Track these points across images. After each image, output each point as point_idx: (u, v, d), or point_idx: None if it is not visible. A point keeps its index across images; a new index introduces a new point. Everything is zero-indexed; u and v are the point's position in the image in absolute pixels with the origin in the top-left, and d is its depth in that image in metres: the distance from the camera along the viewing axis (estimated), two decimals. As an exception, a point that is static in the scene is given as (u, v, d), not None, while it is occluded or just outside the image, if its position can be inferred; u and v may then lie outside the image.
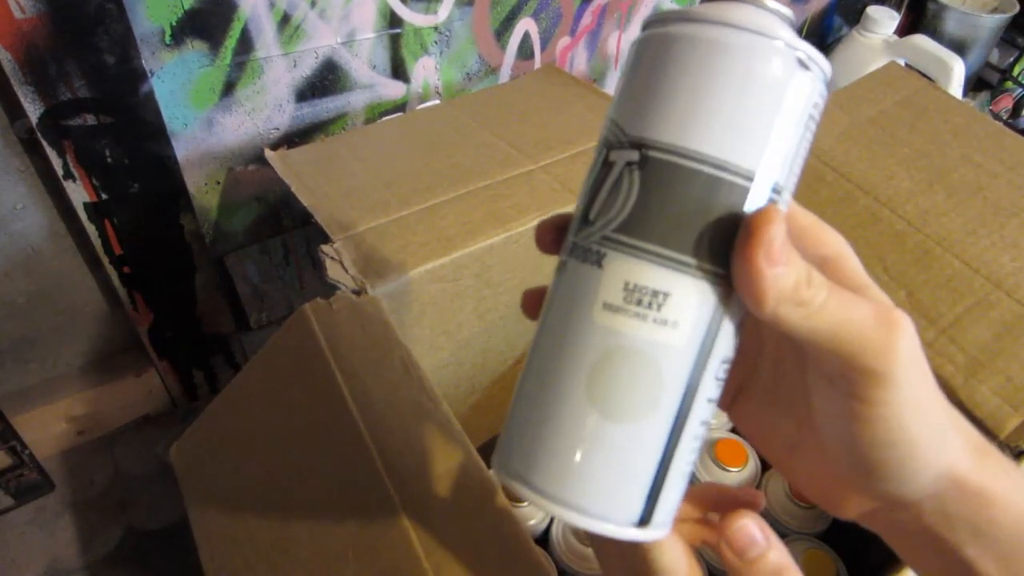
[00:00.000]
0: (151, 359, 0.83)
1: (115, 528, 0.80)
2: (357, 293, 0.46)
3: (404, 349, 0.42)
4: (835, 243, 0.22)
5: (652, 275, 0.20)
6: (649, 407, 0.20)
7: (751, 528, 0.23)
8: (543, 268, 0.57)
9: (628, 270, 0.20)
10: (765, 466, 0.65)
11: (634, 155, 0.20)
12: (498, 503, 0.36)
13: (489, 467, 0.40)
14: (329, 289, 0.47)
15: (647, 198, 0.20)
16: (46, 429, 0.81)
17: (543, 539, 0.67)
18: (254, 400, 0.48)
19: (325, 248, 0.48)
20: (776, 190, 0.20)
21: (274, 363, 0.47)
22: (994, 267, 0.51)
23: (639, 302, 0.20)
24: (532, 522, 0.65)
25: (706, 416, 0.22)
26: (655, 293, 0.20)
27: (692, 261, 0.20)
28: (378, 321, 0.44)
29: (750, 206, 0.20)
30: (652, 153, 0.20)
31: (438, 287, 0.51)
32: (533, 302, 0.24)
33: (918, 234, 0.54)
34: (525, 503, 0.66)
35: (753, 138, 0.20)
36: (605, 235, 0.21)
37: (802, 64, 0.20)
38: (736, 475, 0.62)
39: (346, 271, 0.47)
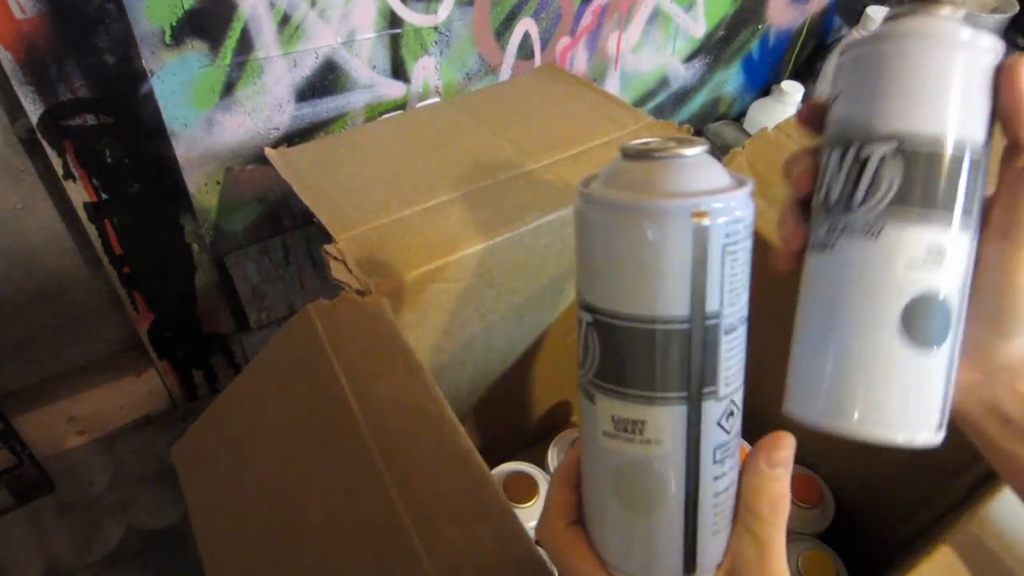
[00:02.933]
0: (151, 359, 0.83)
1: (115, 528, 0.80)
2: (361, 293, 0.46)
3: (407, 350, 0.42)
4: None
5: (628, 408, 0.25)
6: (660, 499, 0.25)
7: (790, 451, 0.26)
8: (546, 268, 0.57)
9: (610, 406, 0.25)
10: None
11: (589, 317, 0.25)
12: (500, 503, 0.36)
13: (491, 467, 0.40)
14: (330, 289, 0.47)
15: (605, 351, 0.25)
16: (46, 429, 0.81)
17: (544, 539, 0.67)
18: (256, 400, 0.48)
19: (328, 248, 0.48)
20: (711, 316, 0.24)
21: (277, 363, 0.47)
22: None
23: (625, 429, 0.25)
24: (532, 524, 0.66)
25: (719, 489, 0.26)
26: (634, 422, 0.25)
27: (657, 394, 0.24)
28: (381, 322, 0.44)
29: (696, 340, 0.24)
30: (599, 317, 0.25)
31: (440, 287, 0.51)
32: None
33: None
34: (527, 503, 0.66)
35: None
36: (589, 379, 0.26)
37: (701, 215, 0.23)
38: None
39: (349, 271, 0.47)
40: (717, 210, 0.23)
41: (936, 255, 0.25)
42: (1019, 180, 0.25)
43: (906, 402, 0.26)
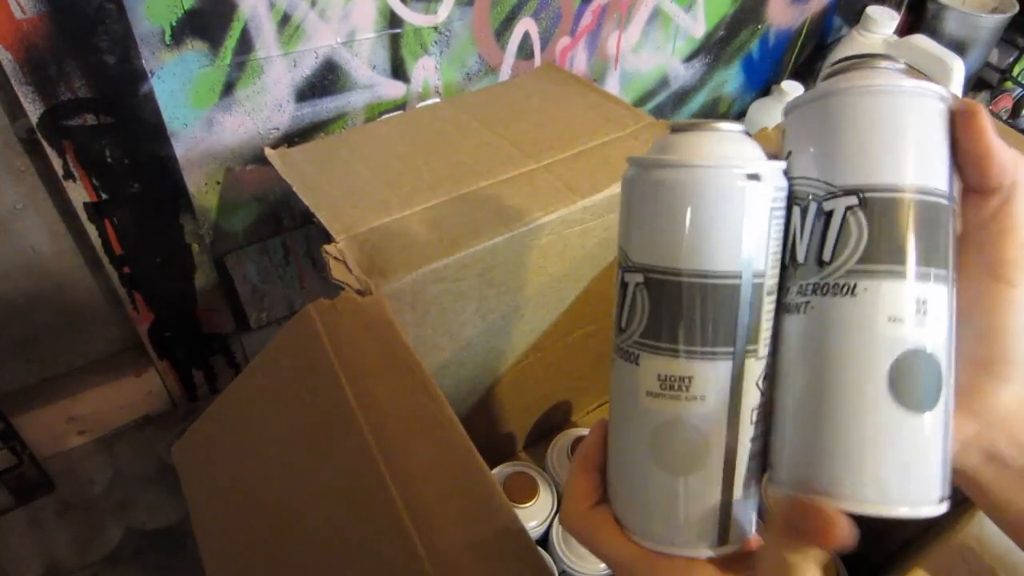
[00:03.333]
0: (151, 359, 0.83)
1: (115, 528, 0.80)
2: (362, 294, 0.46)
3: (408, 350, 0.42)
4: None
5: (676, 365, 0.26)
6: (701, 458, 0.26)
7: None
8: (546, 268, 0.57)
9: (656, 364, 0.26)
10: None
11: (639, 277, 0.27)
12: (501, 503, 0.36)
13: (491, 467, 0.40)
14: (330, 289, 0.47)
15: (655, 309, 0.26)
16: (46, 429, 0.81)
17: (543, 540, 0.67)
18: (257, 400, 0.48)
19: (329, 248, 0.48)
20: (758, 275, 0.26)
21: (277, 363, 0.47)
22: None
23: (672, 387, 0.26)
24: (532, 524, 0.66)
25: (754, 451, 0.27)
26: (681, 378, 0.26)
27: (707, 348, 0.25)
28: (382, 322, 0.44)
29: (744, 297, 0.25)
30: (652, 275, 0.26)
31: (440, 287, 0.51)
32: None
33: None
34: (527, 504, 0.66)
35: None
36: (635, 340, 0.27)
37: (753, 177, 0.25)
38: None
39: (350, 271, 0.47)
40: (767, 175, 0.25)
41: (918, 308, 0.24)
42: (991, 220, 0.25)
43: (906, 473, 0.24)
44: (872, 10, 1.09)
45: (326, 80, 0.74)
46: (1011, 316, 0.24)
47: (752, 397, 0.26)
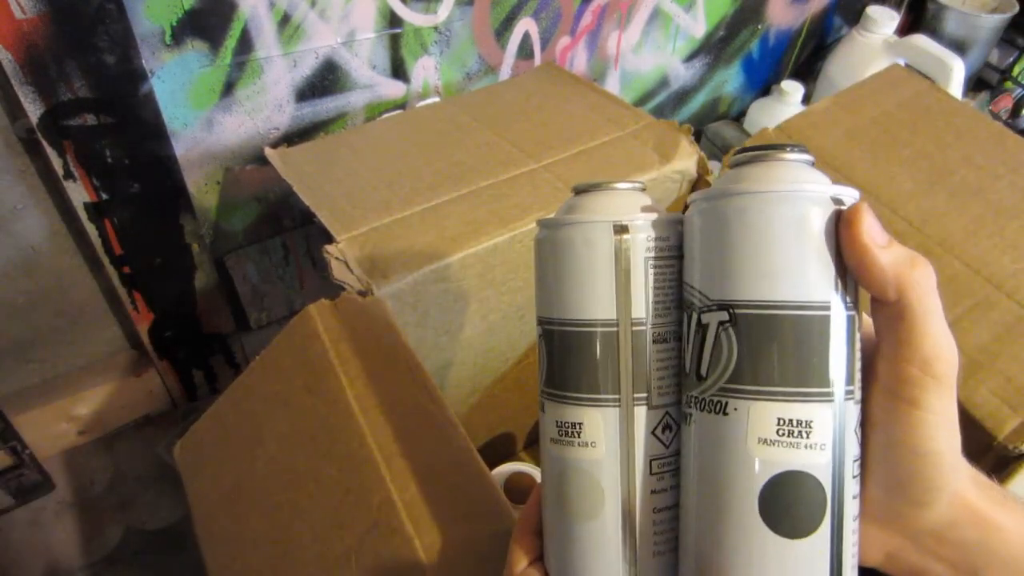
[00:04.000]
0: (151, 359, 0.83)
1: (115, 528, 0.79)
2: (362, 294, 0.46)
3: (408, 351, 0.42)
4: None
5: (569, 411, 0.26)
6: (596, 505, 0.26)
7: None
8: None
9: (555, 411, 0.26)
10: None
11: (539, 330, 0.27)
12: (499, 503, 0.37)
13: (491, 467, 0.40)
14: (330, 289, 0.47)
15: (550, 358, 0.26)
16: (46, 429, 0.81)
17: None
18: (258, 400, 0.48)
19: (330, 248, 0.48)
20: (639, 322, 0.25)
21: (278, 363, 0.47)
22: (995, 268, 0.51)
23: (567, 432, 0.26)
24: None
25: (658, 505, 0.26)
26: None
27: (593, 395, 0.26)
28: (383, 322, 0.44)
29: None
30: (545, 327, 0.27)
31: (441, 287, 0.51)
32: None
33: (919, 235, 0.54)
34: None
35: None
36: (541, 390, 0.27)
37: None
38: None
39: (351, 271, 0.47)
40: (638, 227, 0.25)
41: (791, 430, 0.22)
42: (888, 332, 0.22)
43: None
44: (872, 10, 1.09)
45: (326, 80, 0.74)
46: (921, 439, 0.22)
47: (649, 446, 0.26)
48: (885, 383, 0.23)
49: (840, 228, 0.22)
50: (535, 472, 0.69)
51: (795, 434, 0.22)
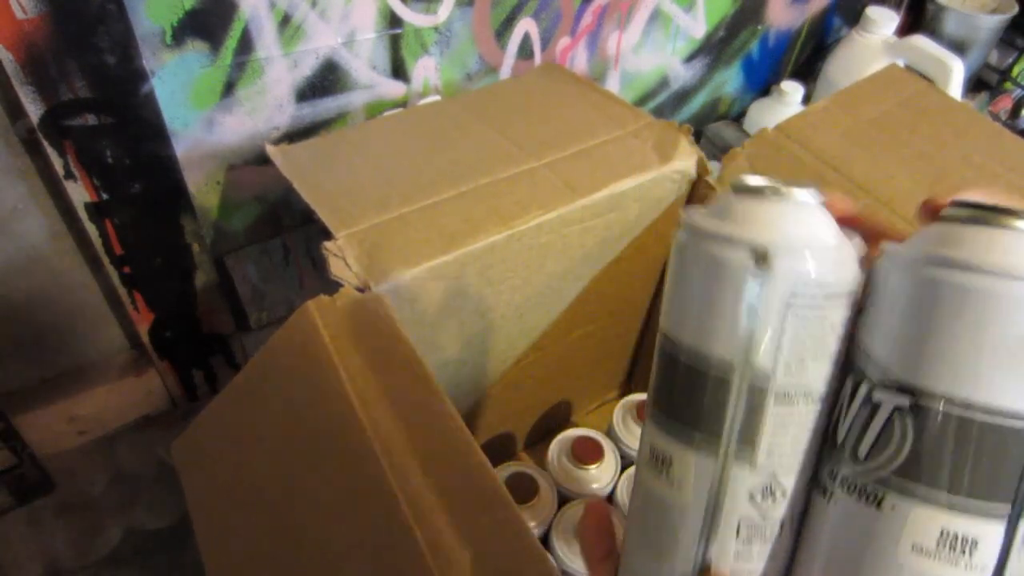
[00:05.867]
0: (151, 359, 0.83)
1: (115, 528, 0.79)
2: (361, 291, 0.46)
3: (408, 346, 0.42)
4: None
5: (663, 440, 0.23)
6: (670, 550, 0.23)
7: None
8: (545, 267, 0.57)
9: (652, 433, 0.23)
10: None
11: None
12: (503, 498, 0.36)
13: (494, 465, 0.40)
14: (330, 289, 0.47)
15: (661, 374, 0.23)
16: (46, 429, 0.81)
17: (544, 540, 0.67)
18: (257, 397, 0.48)
19: (328, 245, 0.48)
20: (762, 374, 0.22)
21: (277, 360, 0.47)
22: (995, 266, 0.51)
23: (658, 462, 0.23)
24: (532, 524, 0.65)
25: (739, 570, 0.23)
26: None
27: (691, 431, 0.22)
28: (382, 319, 0.44)
29: (737, 390, 0.21)
30: (663, 339, 0.23)
31: (440, 285, 0.51)
32: None
33: (919, 233, 0.54)
34: (527, 504, 0.66)
35: (721, 327, 0.21)
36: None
37: (765, 259, 0.21)
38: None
39: (349, 268, 0.47)
40: (785, 256, 0.21)
41: (953, 545, 0.20)
42: None
43: None
44: (872, 10, 1.09)
45: (326, 80, 0.74)
46: None
47: (741, 507, 0.23)
48: None
49: None
50: (535, 472, 0.69)
51: (956, 550, 0.20)
